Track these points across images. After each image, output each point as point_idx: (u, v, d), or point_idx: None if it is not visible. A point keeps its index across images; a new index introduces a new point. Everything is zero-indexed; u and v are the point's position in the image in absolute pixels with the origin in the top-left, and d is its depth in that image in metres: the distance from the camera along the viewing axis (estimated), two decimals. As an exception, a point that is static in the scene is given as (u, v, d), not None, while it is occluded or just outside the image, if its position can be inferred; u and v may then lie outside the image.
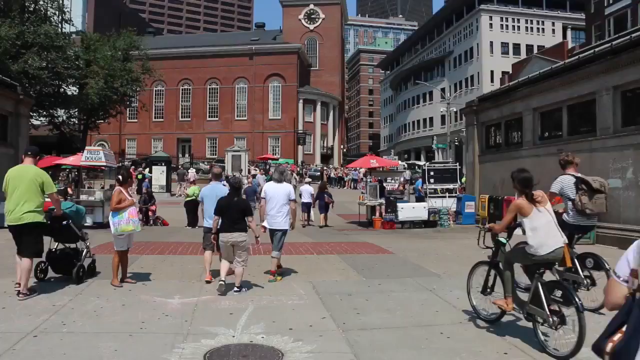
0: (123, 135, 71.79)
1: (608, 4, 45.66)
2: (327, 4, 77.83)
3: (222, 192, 8.89)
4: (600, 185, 7.47)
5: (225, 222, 8.09)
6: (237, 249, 8.07)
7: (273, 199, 9.21)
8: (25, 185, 7.45)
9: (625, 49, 13.56)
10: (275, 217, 9.18)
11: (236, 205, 8.20)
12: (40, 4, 38.26)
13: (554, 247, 5.70)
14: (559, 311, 5.36)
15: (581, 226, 7.70)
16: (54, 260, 8.64)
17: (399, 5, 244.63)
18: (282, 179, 9.52)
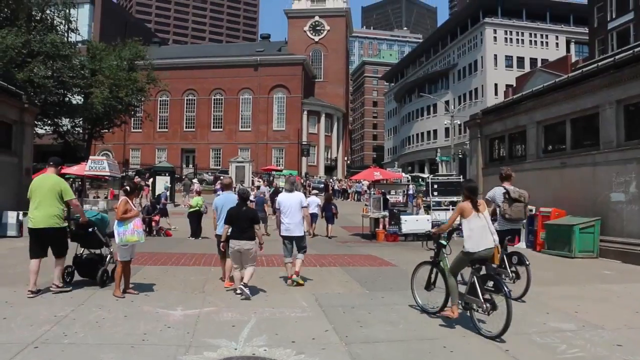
0: (127, 145, 71.97)
1: (611, 18, 45.78)
2: (332, 16, 78.20)
3: (235, 201, 9.32)
4: (519, 196, 9.20)
5: (234, 230, 8.64)
6: (244, 255, 8.58)
7: (287, 208, 9.78)
8: (46, 193, 8.10)
9: (628, 63, 13.59)
10: (289, 225, 9.74)
11: (245, 214, 8.75)
12: (47, 14, 38.53)
13: (485, 246, 6.76)
14: (491, 299, 6.38)
15: (504, 230, 9.04)
16: (80, 264, 9.14)
17: (404, 17, 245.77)
18: (292, 188, 10.14)
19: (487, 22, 70.30)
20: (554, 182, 16.52)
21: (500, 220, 9.10)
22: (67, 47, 38.07)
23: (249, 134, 71.88)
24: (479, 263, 6.84)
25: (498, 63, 70.14)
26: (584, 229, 14.05)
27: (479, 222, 6.85)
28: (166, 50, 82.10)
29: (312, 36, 78.06)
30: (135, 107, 48.61)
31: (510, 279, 8.61)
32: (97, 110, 40.48)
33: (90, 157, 23.47)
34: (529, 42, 71.48)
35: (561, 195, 15.91)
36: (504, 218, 9.12)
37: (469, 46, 75.26)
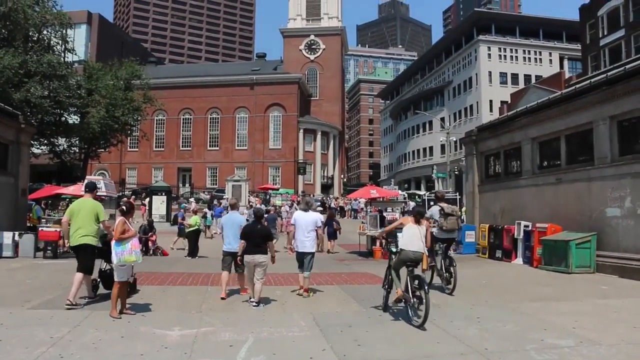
0: (123, 164, 71.97)
1: (603, 35, 46.27)
2: (327, 35, 78.78)
3: (240, 220, 10.57)
4: (451, 211, 11.71)
5: (249, 245, 9.47)
6: (257, 267, 9.42)
7: (301, 226, 10.63)
8: (84, 215, 9.16)
9: (620, 79, 13.73)
10: (304, 242, 10.58)
11: (259, 231, 9.67)
12: (44, 34, 38.69)
13: (412, 248, 8.65)
14: (419, 295, 7.98)
15: (443, 238, 11.51)
16: (105, 278, 9.75)
17: (399, 36, 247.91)
18: (308, 208, 11.09)
19: (481, 40, 70.91)
20: (549, 198, 16.58)
21: (438, 231, 11.44)
22: (64, 67, 38.14)
23: (245, 152, 71.99)
24: (411, 264, 8.60)
25: (492, 80, 70.60)
26: (581, 244, 14.08)
27: (413, 230, 8.88)
28: (162, 70, 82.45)
29: (307, 55, 78.55)
30: (131, 126, 48.64)
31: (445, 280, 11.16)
32: (94, 130, 40.51)
33: (87, 177, 23.45)
34: (523, 58, 72.07)
35: (557, 211, 15.96)
36: (441, 229, 11.41)
37: (463, 63, 75.81)
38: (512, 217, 17.78)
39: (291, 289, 11.24)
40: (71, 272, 9.28)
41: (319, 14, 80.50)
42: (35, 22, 36.22)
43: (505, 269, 15.61)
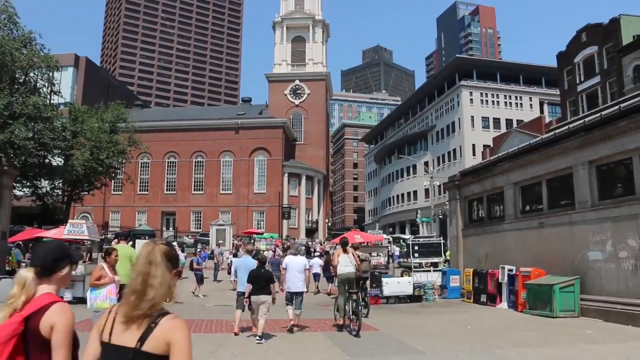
0: (107, 208, 71.31)
1: (580, 81, 47.48)
2: (312, 80, 79.80)
3: (252, 264, 11.58)
4: (365, 257, 16.35)
5: (254, 288, 10.78)
6: (261, 306, 10.70)
7: (292, 268, 12.16)
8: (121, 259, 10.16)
9: (597, 125, 14.07)
10: (295, 283, 12.04)
11: (263, 275, 11.04)
12: (30, 76, 38.78)
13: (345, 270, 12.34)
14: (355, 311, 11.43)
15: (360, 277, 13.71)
16: None
17: (383, 81, 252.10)
18: (297, 252, 12.83)
19: (463, 85, 72.31)
20: (533, 242, 16.70)
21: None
22: (49, 109, 38.10)
23: (229, 196, 71.77)
24: (347, 285, 12.19)
25: (475, 124, 71.70)
26: (564, 288, 14.13)
27: (344, 258, 12.49)
28: (148, 113, 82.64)
29: (292, 99, 79.38)
30: (116, 169, 48.47)
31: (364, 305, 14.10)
32: (78, 172, 40.27)
33: (70, 220, 23.19)
34: (504, 103, 73.49)
35: (540, 255, 16.05)
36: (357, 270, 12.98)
37: (446, 108, 77.05)
38: (496, 261, 17.84)
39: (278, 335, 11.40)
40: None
41: (304, 59, 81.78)
42: (23, 65, 36.33)
43: (490, 314, 15.56)
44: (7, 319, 2.64)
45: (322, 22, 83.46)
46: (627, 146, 13.09)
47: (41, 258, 2.90)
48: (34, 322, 2.63)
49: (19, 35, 36.65)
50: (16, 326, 2.60)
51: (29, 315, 2.64)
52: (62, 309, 2.70)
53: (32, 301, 2.72)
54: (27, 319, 2.63)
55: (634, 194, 13.00)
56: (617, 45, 42.61)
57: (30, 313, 2.66)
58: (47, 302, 2.70)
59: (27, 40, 36.99)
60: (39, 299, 2.73)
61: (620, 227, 13.23)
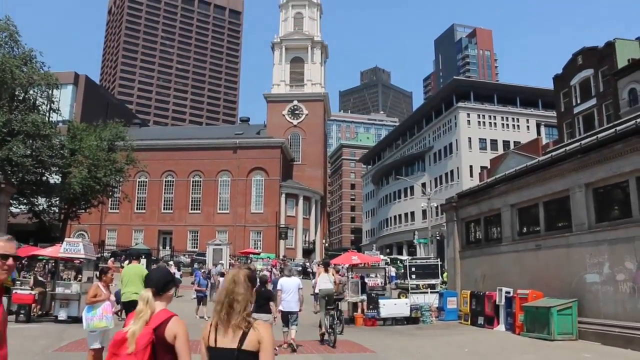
0: (103, 226, 71.06)
1: (576, 103, 47.83)
2: (310, 101, 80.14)
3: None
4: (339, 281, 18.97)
5: (255, 306, 10.48)
6: None
7: (287, 289, 12.81)
8: (132, 276, 11.58)
9: (593, 148, 14.15)
10: (290, 302, 12.63)
11: (263, 294, 11.33)
12: (30, 94, 38.89)
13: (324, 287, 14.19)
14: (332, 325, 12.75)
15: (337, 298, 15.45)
16: None
17: (380, 102, 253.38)
18: (291, 274, 13.81)
19: (460, 107, 72.71)
20: (530, 264, 16.68)
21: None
22: (48, 127, 38.15)
23: (227, 216, 71.62)
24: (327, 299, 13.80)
25: (472, 145, 71.95)
26: (562, 310, 14.08)
27: (325, 276, 14.65)
28: (146, 132, 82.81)
29: (290, 120, 79.63)
30: (113, 187, 48.39)
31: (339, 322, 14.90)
32: (75, 190, 40.19)
33: (66, 238, 23.08)
34: (501, 125, 73.86)
35: (538, 277, 16.03)
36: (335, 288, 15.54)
37: (443, 129, 77.37)
38: (494, 283, 17.80)
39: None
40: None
41: (302, 80, 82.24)
42: (22, 82, 36.46)
43: (488, 336, 15.48)
44: (142, 329, 3.51)
45: (321, 44, 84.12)
46: (623, 169, 13.15)
47: (155, 281, 3.80)
48: (161, 332, 3.51)
49: (19, 53, 36.86)
50: (150, 336, 3.49)
51: (156, 326, 3.53)
52: (179, 322, 3.60)
53: (155, 315, 3.60)
54: (155, 329, 3.52)
55: (630, 217, 13.03)
56: (612, 68, 43.03)
57: (157, 325, 3.55)
58: (167, 316, 3.60)
59: (28, 58, 37.18)
60: (159, 313, 3.62)
61: (617, 249, 13.24)
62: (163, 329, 3.52)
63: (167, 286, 3.82)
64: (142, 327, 3.51)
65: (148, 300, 3.62)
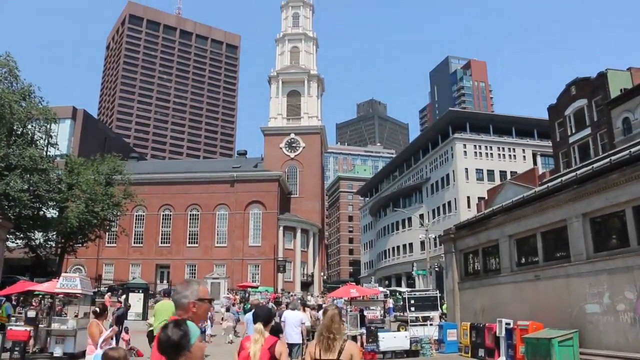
0: (100, 260, 70.54)
1: (571, 133, 48.22)
2: (307, 134, 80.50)
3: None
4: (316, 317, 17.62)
5: None
6: None
7: (290, 323, 13.43)
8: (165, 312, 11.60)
9: (589, 178, 14.23)
10: (292, 335, 13.22)
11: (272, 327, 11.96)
12: (28, 128, 39.08)
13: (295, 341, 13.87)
14: None
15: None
16: None
17: (377, 133, 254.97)
18: (295, 308, 14.50)
19: (456, 138, 73.17)
20: (529, 295, 16.60)
21: None
22: (46, 161, 38.27)
23: (224, 249, 71.30)
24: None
25: (469, 176, 72.16)
26: (563, 341, 13.95)
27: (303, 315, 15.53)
28: (144, 165, 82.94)
29: (287, 153, 79.88)
30: (110, 221, 48.30)
31: None
32: (72, 225, 40.12)
33: (63, 273, 22.93)
34: (498, 155, 74.21)
35: (537, 308, 15.94)
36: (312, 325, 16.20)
37: (440, 160, 77.69)
38: (493, 314, 17.68)
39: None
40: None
41: (299, 113, 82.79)
42: (21, 117, 36.72)
43: (488, 369, 15.32)
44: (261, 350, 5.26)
45: (317, 77, 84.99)
46: (619, 199, 13.21)
47: (262, 317, 5.69)
48: (272, 351, 5.31)
49: (18, 88, 37.21)
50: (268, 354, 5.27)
51: (269, 347, 5.33)
52: (283, 343, 5.54)
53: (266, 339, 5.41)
54: (269, 349, 5.30)
55: (628, 246, 13.04)
56: (605, 98, 43.54)
57: (269, 346, 5.35)
58: (274, 340, 5.50)
59: (27, 93, 37.52)
60: (268, 338, 5.45)
61: (616, 279, 13.21)
62: (274, 349, 5.32)
63: (269, 320, 5.80)
64: (260, 349, 5.25)
65: (261, 330, 5.44)
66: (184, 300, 3.86)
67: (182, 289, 3.90)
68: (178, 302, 3.87)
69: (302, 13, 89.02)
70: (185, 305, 3.84)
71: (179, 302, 3.87)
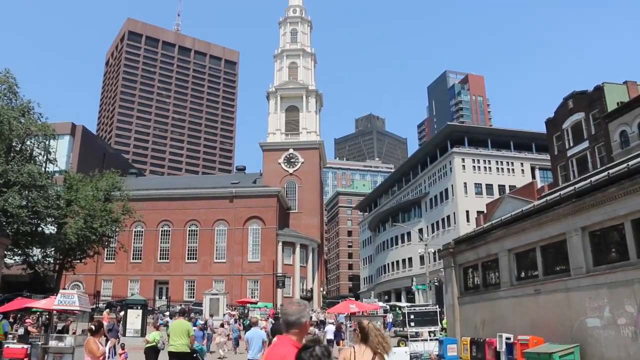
0: (99, 276, 70.27)
1: (569, 146, 48.36)
2: (306, 149, 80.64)
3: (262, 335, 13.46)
4: None
5: None
6: None
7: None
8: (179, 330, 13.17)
9: (587, 192, 14.22)
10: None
11: None
12: (27, 144, 39.07)
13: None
14: None
15: None
16: None
17: (376, 148, 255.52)
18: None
19: (455, 152, 73.31)
20: (529, 309, 16.53)
21: None
22: (44, 178, 38.17)
23: (223, 265, 71.07)
24: None
25: (468, 190, 72.19)
26: (564, 356, 13.86)
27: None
28: (143, 181, 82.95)
29: (286, 168, 79.93)
30: (109, 237, 48.14)
31: None
32: (70, 241, 39.98)
33: (61, 290, 22.80)
34: (496, 169, 74.32)
35: (538, 322, 15.86)
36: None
37: (439, 175, 77.77)
38: (493, 329, 17.60)
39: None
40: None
41: (297, 128, 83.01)
42: (20, 133, 36.72)
43: (489, 384, 15.21)
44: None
45: (315, 92, 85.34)
46: (618, 212, 13.20)
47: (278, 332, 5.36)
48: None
49: (18, 104, 37.26)
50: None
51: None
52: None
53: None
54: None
55: (628, 259, 13.01)
56: (602, 111, 43.75)
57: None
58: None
59: (26, 109, 37.56)
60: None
61: (616, 293, 13.15)
62: None
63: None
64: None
65: None
66: (302, 319, 4.36)
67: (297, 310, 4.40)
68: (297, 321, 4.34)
69: (300, 29, 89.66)
70: (303, 324, 4.36)
71: (297, 322, 4.34)
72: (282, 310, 4.68)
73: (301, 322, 4.33)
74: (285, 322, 4.39)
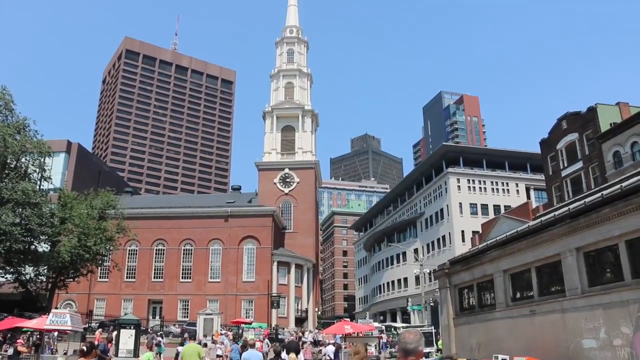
0: (92, 295, 69.53)
1: (563, 167, 48.58)
2: (301, 168, 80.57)
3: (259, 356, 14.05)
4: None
5: None
6: None
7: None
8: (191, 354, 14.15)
9: (581, 213, 14.25)
10: None
11: None
12: (22, 162, 38.96)
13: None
14: None
15: None
16: None
17: (371, 168, 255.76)
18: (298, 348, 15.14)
19: (450, 172, 73.48)
20: (525, 330, 16.44)
21: None
22: (38, 195, 38.03)
23: (218, 285, 70.55)
24: None
25: (463, 210, 72.23)
26: (559, 378, 13.78)
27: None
28: (138, 200, 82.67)
29: (282, 188, 79.81)
30: (103, 256, 47.78)
31: None
32: (64, 259, 39.66)
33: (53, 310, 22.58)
34: (491, 189, 74.46)
35: (534, 343, 15.77)
36: None
37: (434, 195, 77.83)
38: (489, 350, 17.48)
39: None
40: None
41: (293, 148, 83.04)
42: (15, 150, 36.64)
43: (485, 406, 15.06)
44: None
45: (311, 112, 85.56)
46: (612, 233, 13.22)
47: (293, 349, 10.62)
48: None
49: (13, 121, 37.26)
50: None
51: None
52: None
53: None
54: None
55: (622, 280, 12.99)
56: (596, 132, 44.04)
57: None
58: None
59: (22, 126, 37.56)
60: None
61: (612, 314, 13.11)
62: None
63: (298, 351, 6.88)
64: None
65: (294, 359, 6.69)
66: (419, 348, 4.79)
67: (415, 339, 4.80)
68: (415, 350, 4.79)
69: (297, 49, 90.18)
70: (419, 352, 4.80)
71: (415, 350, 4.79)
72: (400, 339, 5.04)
73: (418, 350, 4.78)
74: (404, 350, 4.81)
